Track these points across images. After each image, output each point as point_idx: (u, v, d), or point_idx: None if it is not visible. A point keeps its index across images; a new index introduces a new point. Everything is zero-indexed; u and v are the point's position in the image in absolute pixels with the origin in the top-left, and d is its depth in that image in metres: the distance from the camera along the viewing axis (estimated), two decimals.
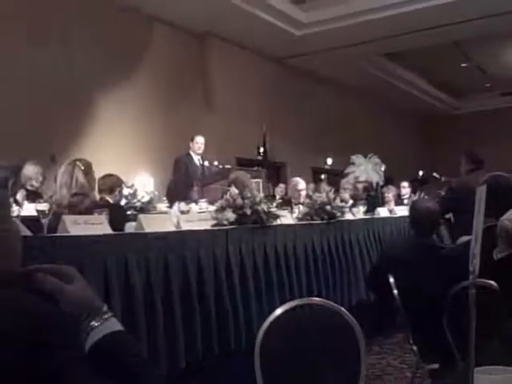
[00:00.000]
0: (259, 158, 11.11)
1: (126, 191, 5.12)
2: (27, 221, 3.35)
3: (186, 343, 3.21)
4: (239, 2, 9.79)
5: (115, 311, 2.64)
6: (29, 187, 5.74)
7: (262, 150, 11.22)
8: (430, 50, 13.40)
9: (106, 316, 1.14)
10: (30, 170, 5.96)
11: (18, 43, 7.77)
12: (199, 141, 7.71)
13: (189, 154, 7.68)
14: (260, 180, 7.25)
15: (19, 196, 5.36)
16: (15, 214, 3.98)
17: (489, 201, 2.30)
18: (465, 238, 3.10)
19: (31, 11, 8.00)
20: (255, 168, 8.63)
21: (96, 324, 1.11)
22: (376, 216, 6.36)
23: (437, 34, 11.76)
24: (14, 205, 4.40)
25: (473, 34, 12.23)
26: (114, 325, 1.14)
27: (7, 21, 7.68)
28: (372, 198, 7.98)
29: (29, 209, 4.28)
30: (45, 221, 3.15)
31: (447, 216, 6.37)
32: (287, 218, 4.71)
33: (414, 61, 14.82)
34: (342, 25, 11.01)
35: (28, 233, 2.84)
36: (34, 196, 4.91)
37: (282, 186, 10.10)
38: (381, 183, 9.23)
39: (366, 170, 9.16)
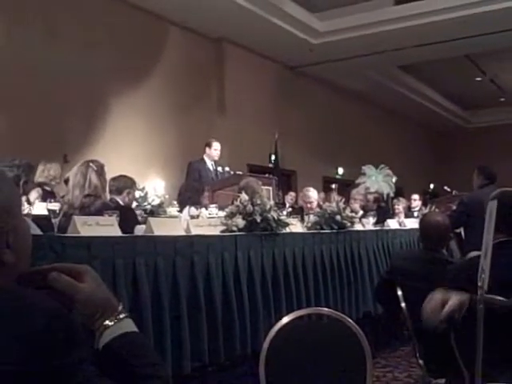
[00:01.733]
0: (270, 165, 11.11)
1: (136, 194, 5.14)
2: (38, 220, 3.37)
3: (192, 348, 3.21)
4: (256, 8, 9.83)
5: None
6: (46, 187, 5.75)
7: (273, 157, 11.22)
8: (445, 63, 13.40)
9: (121, 316, 1.13)
10: (56, 170, 5.97)
11: (34, 44, 7.83)
12: (217, 147, 7.67)
13: (202, 159, 7.66)
14: (270, 187, 7.24)
15: (34, 195, 5.38)
16: (26, 212, 3.99)
17: (498, 216, 2.29)
18: (475, 253, 3.08)
19: (48, 13, 8.08)
20: (266, 175, 8.62)
21: (110, 324, 1.11)
22: (386, 228, 6.33)
23: (451, 47, 11.76)
24: (25, 203, 4.42)
25: (487, 48, 12.21)
26: (129, 325, 1.13)
27: (24, 22, 7.75)
28: (382, 209, 7.95)
29: (40, 208, 4.30)
30: (55, 220, 3.16)
31: (458, 230, 6.35)
32: (297, 226, 4.70)
33: (429, 74, 14.82)
34: (357, 35, 11.04)
35: (39, 232, 2.86)
36: (49, 196, 4.92)
37: (292, 194, 10.10)
38: (392, 195, 9.21)
39: (376, 180, 9.14)
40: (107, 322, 1.11)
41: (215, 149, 7.65)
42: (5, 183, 1.09)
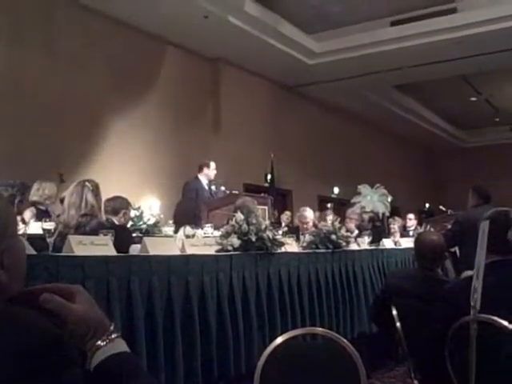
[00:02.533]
0: (266, 184, 11.13)
1: (132, 213, 5.14)
2: (33, 239, 3.36)
3: (185, 368, 3.19)
4: (252, 29, 9.91)
5: None
6: (40, 207, 5.73)
7: (269, 176, 11.25)
8: (440, 83, 13.51)
9: (113, 336, 1.13)
10: (51, 189, 5.94)
11: (32, 63, 7.88)
12: (214, 166, 7.76)
13: (197, 178, 7.69)
14: (266, 207, 7.26)
15: (28, 214, 5.37)
16: (21, 231, 3.98)
17: (491, 236, 2.30)
18: (469, 273, 3.09)
19: (46, 33, 8.14)
20: (262, 194, 8.64)
21: (102, 344, 1.11)
22: (381, 247, 6.33)
23: (446, 67, 11.87)
24: (20, 223, 4.41)
25: (482, 68, 12.31)
26: (121, 346, 1.13)
27: (23, 43, 7.80)
28: (377, 228, 7.95)
29: (35, 227, 4.30)
30: (50, 240, 3.16)
31: (453, 249, 6.35)
32: (292, 245, 4.70)
33: (424, 94, 14.93)
34: (353, 55, 11.14)
35: (33, 251, 2.85)
36: (43, 215, 4.91)
37: (287, 213, 10.11)
38: (387, 214, 9.22)
39: (372, 200, 9.16)
40: (99, 343, 1.11)
41: (213, 169, 7.72)
42: (1, 202, 1.09)
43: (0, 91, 7.39)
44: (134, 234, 4.86)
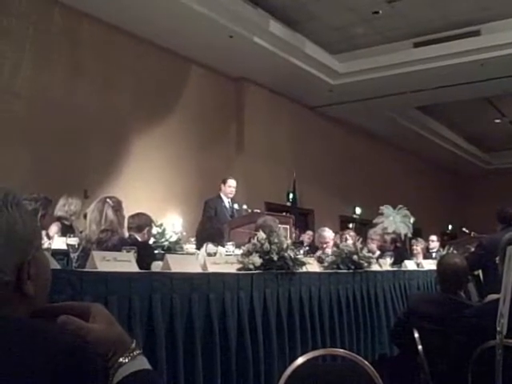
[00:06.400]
0: (288, 203, 11.13)
1: (154, 230, 5.17)
2: (57, 254, 3.40)
3: None
4: (276, 49, 9.99)
5: None
6: (65, 222, 5.76)
7: (291, 195, 11.25)
8: (464, 105, 13.45)
9: (135, 353, 1.13)
10: (77, 205, 5.95)
11: (59, 82, 8.01)
12: (232, 184, 7.64)
13: (219, 196, 7.66)
14: (288, 226, 7.24)
15: (54, 229, 5.42)
16: (46, 246, 4.03)
17: None
18: (493, 296, 3.05)
19: (73, 52, 8.28)
20: (284, 214, 8.62)
21: (123, 361, 1.10)
22: (403, 269, 6.28)
23: (469, 89, 11.83)
24: (45, 237, 4.46)
25: (506, 90, 12.24)
26: (143, 363, 1.13)
27: (50, 62, 7.94)
28: (399, 250, 7.89)
29: (60, 242, 4.34)
30: (74, 255, 3.20)
31: (476, 273, 6.28)
32: (313, 265, 4.68)
33: (448, 115, 14.87)
34: (376, 76, 11.16)
35: (57, 266, 2.88)
36: (68, 230, 4.95)
37: (309, 233, 10.08)
38: (409, 235, 9.14)
39: (394, 221, 9.09)
40: (121, 360, 1.10)
41: (229, 186, 7.61)
42: (28, 217, 1.12)
43: (27, 109, 7.52)
44: (155, 251, 4.88)
